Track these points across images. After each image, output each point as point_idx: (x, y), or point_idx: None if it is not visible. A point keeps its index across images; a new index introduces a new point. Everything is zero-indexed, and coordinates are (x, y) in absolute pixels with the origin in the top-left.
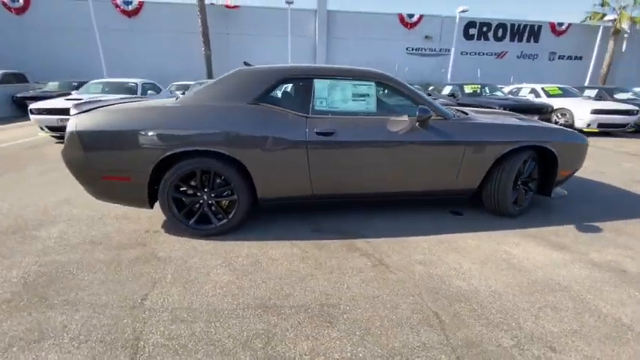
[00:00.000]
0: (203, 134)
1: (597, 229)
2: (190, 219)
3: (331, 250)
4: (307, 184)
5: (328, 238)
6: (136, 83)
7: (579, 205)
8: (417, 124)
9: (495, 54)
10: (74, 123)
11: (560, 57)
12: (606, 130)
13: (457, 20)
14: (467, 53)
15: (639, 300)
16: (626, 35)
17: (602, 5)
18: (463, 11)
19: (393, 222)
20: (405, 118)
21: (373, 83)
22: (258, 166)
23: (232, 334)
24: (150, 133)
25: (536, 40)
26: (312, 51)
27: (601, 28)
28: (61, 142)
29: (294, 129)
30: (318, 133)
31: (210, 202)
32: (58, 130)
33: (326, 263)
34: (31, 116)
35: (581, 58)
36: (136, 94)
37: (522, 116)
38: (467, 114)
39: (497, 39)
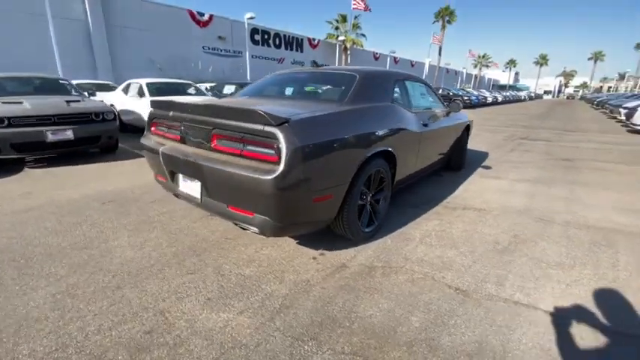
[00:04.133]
0: (386, 134)
1: None
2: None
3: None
4: (414, 166)
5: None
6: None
7: None
8: (447, 113)
9: (276, 59)
10: (291, 137)
11: (319, 65)
12: None
13: (246, 25)
14: (257, 57)
15: None
16: (349, 52)
17: (336, 29)
18: (251, 18)
19: None
20: (444, 109)
21: (424, 85)
22: (401, 160)
23: None
24: (352, 140)
25: (301, 51)
26: (86, 39)
27: (337, 45)
28: None
29: (414, 122)
30: (423, 125)
31: (371, 203)
32: None
33: None
34: None
35: (328, 66)
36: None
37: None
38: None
39: (276, 46)
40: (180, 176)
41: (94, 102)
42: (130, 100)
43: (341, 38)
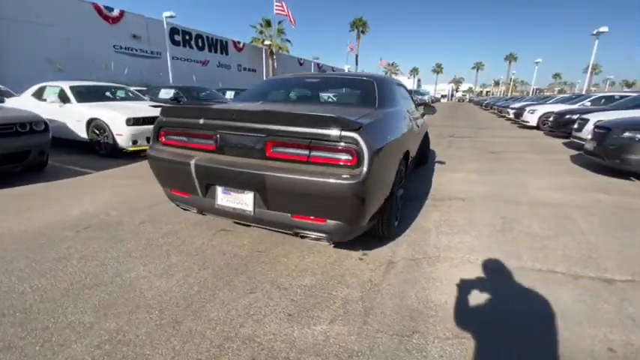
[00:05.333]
0: (405, 135)
1: None
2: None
3: None
4: (411, 163)
5: None
6: None
7: None
8: (422, 115)
9: (200, 62)
10: (369, 141)
11: (244, 69)
12: None
13: (165, 25)
14: (178, 58)
15: None
16: (275, 57)
17: (260, 33)
18: (171, 17)
19: None
20: (420, 111)
21: (406, 89)
22: (410, 158)
23: None
24: (395, 142)
25: (227, 54)
26: None
27: (263, 49)
28: None
29: (412, 123)
30: (416, 125)
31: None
32: None
33: None
34: None
35: (255, 70)
36: None
37: None
38: None
39: (199, 48)
40: (220, 189)
41: (15, 110)
42: (50, 108)
43: (267, 43)
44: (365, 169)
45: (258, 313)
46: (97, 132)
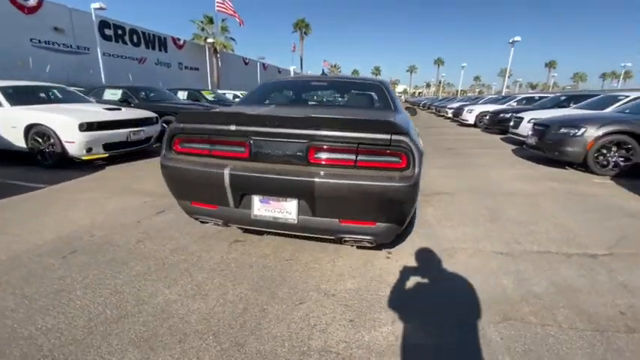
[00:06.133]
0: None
1: None
2: None
3: None
4: None
5: None
6: None
7: None
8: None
9: (137, 59)
10: (415, 144)
11: (186, 67)
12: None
13: (93, 17)
14: (111, 55)
15: None
16: (219, 55)
17: (202, 30)
18: (100, 9)
19: None
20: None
21: None
22: None
23: None
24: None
25: (166, 51)
26: None
27: (206, 47)
28: None
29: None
30: None
31: None
32: None
33: None
34: None
35: (197, 69)
36: None
37: None
38: None
39: (135, 44)
40: (256, 199)
41: None
42: None
43: (210, 40)
44: (417, 170)
45: (319, 323)
46: (40, 140)
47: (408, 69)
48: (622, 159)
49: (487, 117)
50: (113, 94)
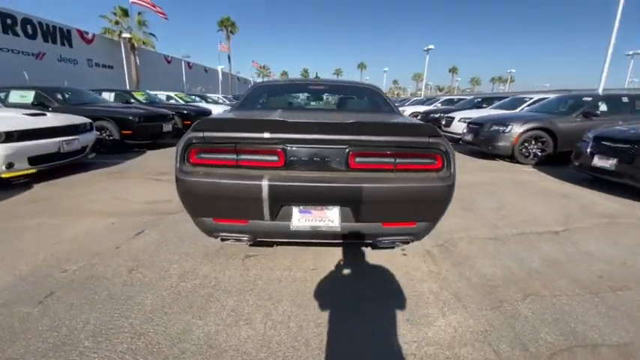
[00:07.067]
0: None
1: None
2: None
3: None
4: None
5: None
6: None
7: None
8: None
9: (33, 54)
10: (450, 147)
11: (97, 64)
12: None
13: None
14: None
15: None
16: (137, 52)
17: (117, 24)
18: None
19: None
20: None
21: None
22: None
23: None
24: None
25: (71, 45)
26: None
27: (122, 42)
28: None
29: None
30: None
31: None
32: None
33: None
34: None
35: (112, 67)
36: None
37: None
38: None
39: (30, 36)
40: (296, 209)
41: None
42: None
43: (126, 35)
44: (452, 170)
45: (380, 328)
46: None
47: (334, 72)
48: (539, 150)
49: (419, 117)
50: (23, 97)
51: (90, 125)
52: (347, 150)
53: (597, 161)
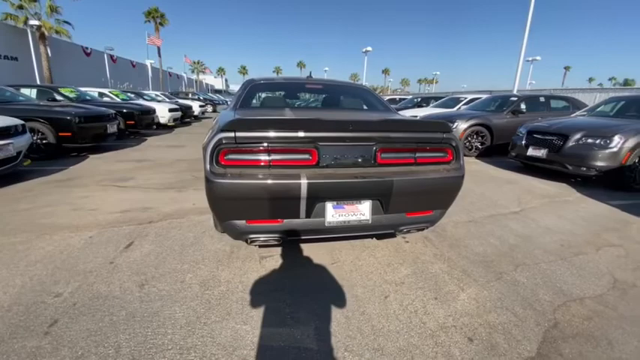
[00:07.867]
0: None
1: None
2: None
3: None
4: None
5: None
6: None
7: None
8: None
9: None
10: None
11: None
12: None
13: None
14: None
15: None
16: (48, 42)
17: (21, 8)
18: None
19: None
20: None
21: None
22: None
23: None
24: None
25: None
26: None
27: (29, 31)
28: None
29: None
30: None
31: None
32: None
33: None
34: None
35: (16, 58)
36: None
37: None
38: None
39: None
40: (330, 205)
41: None
42: None
43: (34, 22)
44: (462, 162)
45: (417, 309)
46: None
47: (274, 70)
48: (479, 144)
49: None
50: None
51: (22, 127)
52: (375, 146)
53: (531, 151)
